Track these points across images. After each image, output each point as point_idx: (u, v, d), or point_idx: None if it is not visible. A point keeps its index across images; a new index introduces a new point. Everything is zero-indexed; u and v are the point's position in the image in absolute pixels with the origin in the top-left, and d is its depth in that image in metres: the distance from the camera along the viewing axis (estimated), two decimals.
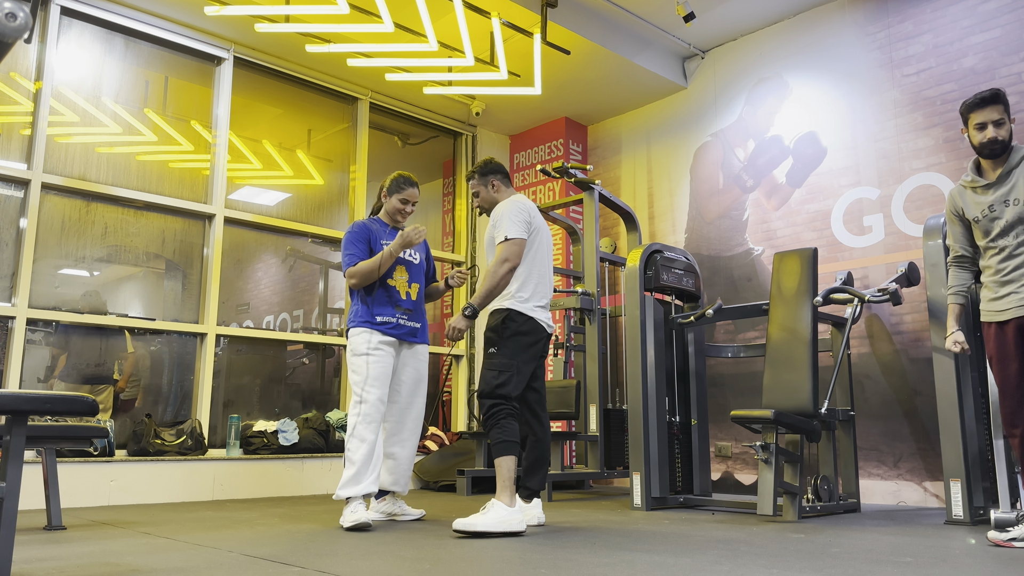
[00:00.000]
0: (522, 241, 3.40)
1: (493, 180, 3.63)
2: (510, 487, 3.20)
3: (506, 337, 3.38)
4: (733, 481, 5.41)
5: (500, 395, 3.30)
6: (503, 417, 3.27)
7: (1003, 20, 4.54)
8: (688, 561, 2.48)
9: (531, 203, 3.58)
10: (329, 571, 2.28)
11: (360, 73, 5.90)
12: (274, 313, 5.71)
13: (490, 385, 3.33)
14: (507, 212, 3.43)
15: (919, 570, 2.33)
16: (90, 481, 4.34)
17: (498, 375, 3.32)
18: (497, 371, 3.33)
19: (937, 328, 3.80)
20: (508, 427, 3.27)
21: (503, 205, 3.49)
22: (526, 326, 3.40)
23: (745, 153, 5.73)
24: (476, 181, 3.65)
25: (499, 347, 3.38)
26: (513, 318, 3.40)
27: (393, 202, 3.76)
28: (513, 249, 3.38)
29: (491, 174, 3.64)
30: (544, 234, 3.58)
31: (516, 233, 3.39)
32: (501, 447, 3.24)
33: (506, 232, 3.39)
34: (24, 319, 4.48)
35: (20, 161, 4.64)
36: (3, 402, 1.99)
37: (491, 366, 3.37)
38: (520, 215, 3.43)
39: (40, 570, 2.31)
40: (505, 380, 3.31)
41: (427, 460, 5.68)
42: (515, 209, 3.45)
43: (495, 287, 3.36)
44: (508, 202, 3.50)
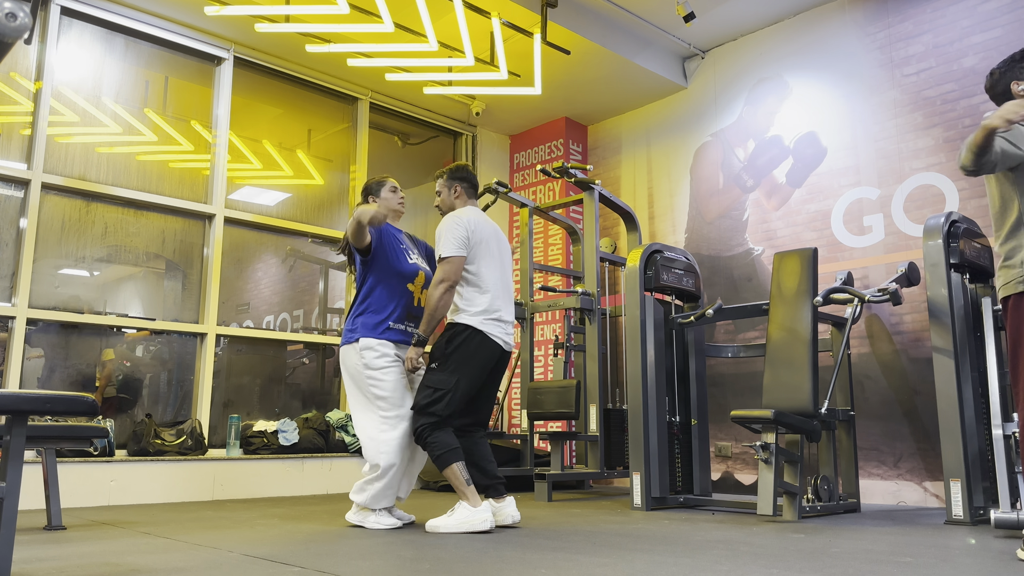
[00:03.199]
0: (458, 259, 3.34)
1: (458, 186, 3.59)
2: (468, 488, 3.23)
3: (448, 352, 3.33)
4: (733, 481, 5.41)
5: (430, 413, 3.27)
6: (430, 434, 3.27)
7: (1003, 20, 4.54)
8: (688, 561, 2.48)
9: (476, 216, 3.47)
10: (329, 571, 2.28)
11: (360, 73, 5.90)
12: (274, 313, 5.71)
13: (420, 404, 3.31)
14: (444, 229, 3.39)
15: (919, 570, 2.33)
16: (90, 481, 4.34)
17: (432, 393, 3.29)
18: (432, 389, 3.30)
19: (937, 328, 3.80)
20: (440, 440, 3.26)
21: (443, 222, 3.43)
22: (472, 340, 3.34)
23: (745, 153, 5.73)
24: (442, 182, 3.62)
25: (440, 362, 3.34)
26: (459, 332, 3.35)
27: (386, 196, 3.71)
28: (448, 268, 3.33)
29: (458, 180, 3.60)
30: (494, 244, 3.49)
31: (451, 251, 3.34)
32: (441, 460, 3.25)
33: (441, 251, 3.35)
34: (24, 319, 4.48)
35: (20, 161, 4.64)
36: (3, 402, 1.99)
37: (428, 382, 3.34)
38: (456, 231, 3.36)
39: (40, 570, 2.31)
40: (437, 399, 3.28)
41: (427, 461, 5.67)
42: (451, 225, 3.38)
43: (435, 310, 3.32)
44: (448, 218, 3.44)
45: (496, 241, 3.53)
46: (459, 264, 3.35)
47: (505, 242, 3.63)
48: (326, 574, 2.24)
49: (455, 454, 3.26)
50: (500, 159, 7.16)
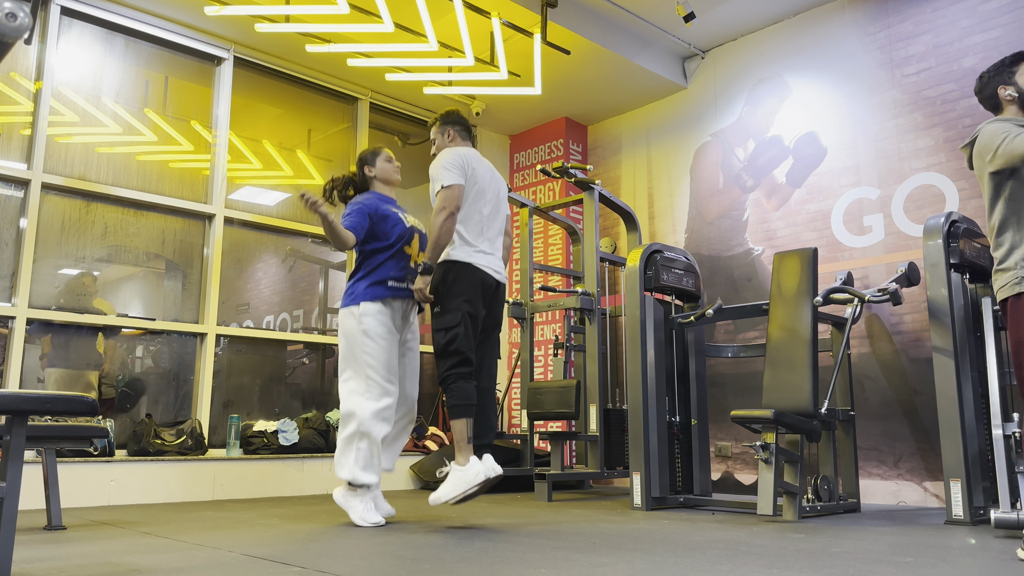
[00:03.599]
0: (457, 186, 3.37)
1: (450, 130, 3.63)
2: (465, 447, 3.29)
3: (446, 291, 3.39)
4: (733, 481, 5.41)
5: (452, 352, 3.32)
6: (454, 381, 3.32)
7: (1003, 20, 4.54)
8: (688, 561, 2.48)
9: (471, 151, 3.54)
10: (329, 571, 2.28)
11: (360, 73, 5.90)
12: (274, 313, 5.71)
13: (440, 345, 3.36)
14: (440, 162, 3.43)
15: (919, 570, 2.33)
16: (90, 481, 4.34)
17: (445, 334, 3.35)
18: (444, 330, 3.36)
19: (937, 328, 3.80)
20: (461, 390, 3.31)
21: (439, 156, 3.47)
22: (465, 275, 3.39)
23: (745, 153, 5.73)
24: (436, 129, 3.66)
25: (442, 304, 3.40)
26: (450, 269, 3.40)
27: (382, 165, 3.77)
28: (448, 195, 3.36)
29: (451, 124, 3.63)
30: (487, 182, 3.53)
31: (450, 180, 3.37)
32: (455, 411, 3.30)
33: (441, 180, 3.38)
34: (24, 319, 4.48)
35: (20, 161, 4.64)
36: (3, 402, 1.99)
37: (438, 324, 3.38)
38: (452, 160, 3.41)
39: (40, 570, 2.31)
40: (453, 337, 3.33)
41: (427, 460, 5.68)
42: (447, 156, 3.43)
43: (439, 237, 3.35)
44: (442, 152, 3.49)
45: (491, 179, 3.57)
46: (459, 191, 3.38)
47: (500, 179, 3.66)
48: (326, 574, 2.24)
49: (469, 409, 3.31)
50: (500, 159, 7.16)
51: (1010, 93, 2.83)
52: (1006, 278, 2.70)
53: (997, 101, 2.88)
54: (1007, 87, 2.84)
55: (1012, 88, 2.83)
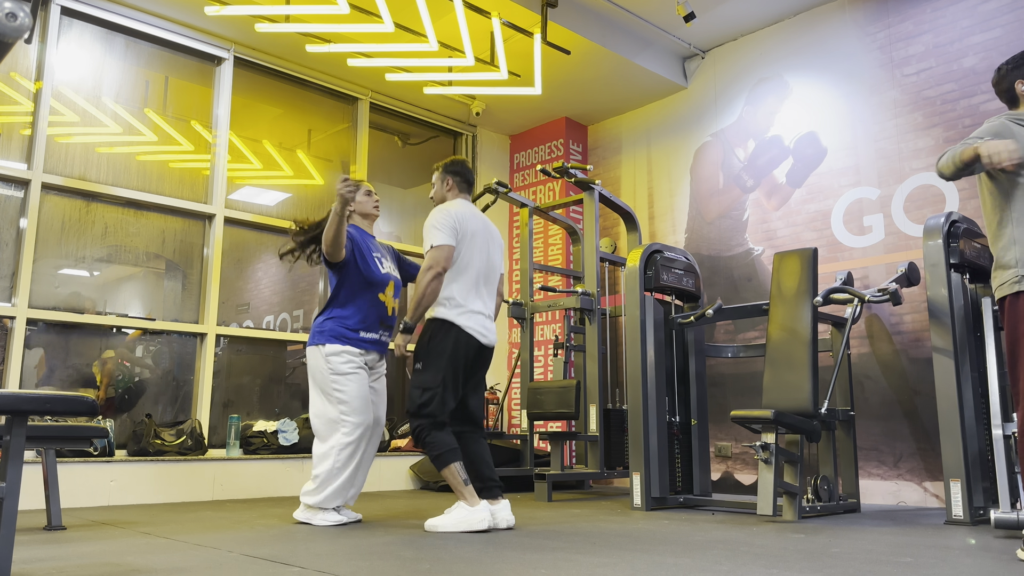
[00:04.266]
0: (447, 247, 3.35)
1: (450, 179, 3.60)
2: (466, 488, 3.25)
3: (431, 351, 3.35)
4: (733, 481, 5.41)
5: (425, 415, 3.29)
6: (428, 434, 3.28)
7: (1003, 20, 4.54)
8: (688, 561, 2.48)
9: (464, 207, 3.49)
10: (329, 571, 2.28)
11: (360, 73, 5.90)
12: (274, 313, 5.71)
13: (415, 405, 3.32)
14: (433, 220, 3.40)
15: (919, 570, 2.33)
16: (90, 481, 4.34)
17: (422, 394, 3.30)
18: (421, 389, 3.31)
19: (937, 328, 3.80)
20: (438, 440, 3.27)
21: (432, 213, 3.45)
22: (451, 336, 3.35)
23: (745, 153, 5.73)
24: (437, 175, 3.65)
25: (423, 361, 3.35)
26: (439, 329, 3.36)
27: (361, 200, 3.78)
28: (437, 255, 3.33)
29: (451, 174, 3.61)
30: (481, 239, 3.49)
31: (440, 240, 3.35)
32: (440, 460, 3.26)
33: (431, 240, 3.36)
34: (24, 319, 4.48)
35: (20, 161, 4.64)
36: (3, 402, 1.99)
37: (416, 383, 3.35)
38: (446, 220, 3.38)
39: (40, 570, 2.31)
40: (429, 399, 3.29)
41: (426, 461, 5.68)
42: (441, 216, 3.40)
43: (423, 296, 3.32)
44: (436, 209, 3.46)
45: (484, 235, 3.53)
46: (448, 252, 3.36)
47: (496, 235, 3.62)
48: (326, 574, 2.24)
49: (453, 454, 3.27)
50: (500, 159, 7.16)
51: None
52: (1005, 276, 2.69)
53: (1014, 95, 2.85)
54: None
55: None
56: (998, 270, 2.74)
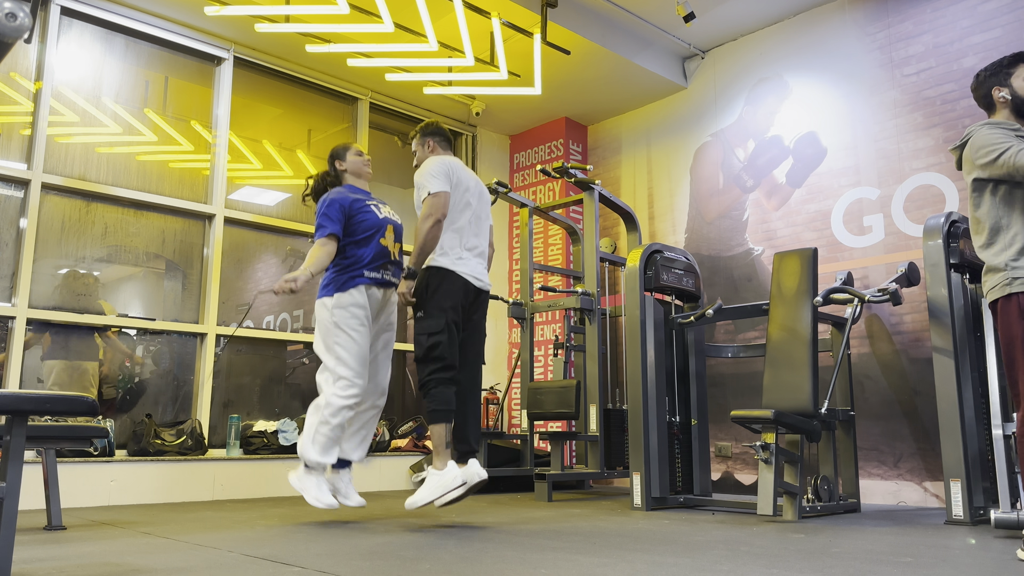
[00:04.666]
0: (444, 194, 3.42)
1: (430, 140, 3.68)
2: (443, 452, 3.34)
3: (428, 296, 3.42)
4: (733, 481, 5.41)
5: (434, 357, 3.36)
6: (435, 387, 3.36)
7: (1003, 20, 4.54)
8: (688, 561, 2.48)
9: (455, 161, 3.58)
10: (329, 571, 2.28)
11: (360, 73, 5.90)
12: (274, 313, 5.71)
13: (423, 348, 3.40)
14: (427, 169, 3.47)
15: (919, 570, 2.33)
16: (90, 481, 4.34)
17: (428, 338, 3.39)
18: (427, 334, 3.39)
19: (937, 328, 3.80)
20: (440, 395, 3.35)
21: (423, 165, 3.51)
22: (448, 281, 3.44)
23: (745, 153, 5.73)
24: (416, 141, 3.71)
25: (424, 308, 3.43)
26: (434, 275, 3.45)
27: (352, 159, 3.82)
28: (435, 202, 3.40)
29: (430, 136, 3.69)
30: (472, 193, 3.58)
31: (436, 187, 3.41)
32: (433, 415, 3.35)
33: (428, 187, 3.42)
34: (24, 319, 4.48)
35: (20, 161, 4.64)
36: (3, 402, 1.99)
37: (420, 329, 3.42)
38: (439, 168, 3.46)
39: (40, 570, 2.31)
40: (435, 343, 3.37)
41: (426, 460, 5.68)
42: (435, 164, 3.48)
43: (424, 244, 3.39)
44: (427, 160, 3.54)
45: (476, 189, 3.62)
46: (445, 199, 3.43)
47: (484, 189, 3.71)
48: (326, 574, 2.24)
49: (447, 415, 3.37)
50: (500, 159, 7.16)
51: (1004, 95, 2.80)
52: (996, 279, 2.69)
53: (991, 101, 2.85)
54: (1001, 88, 2.81)
55: (1007, 90, 2.80)
56: (989, 273, 2.74)
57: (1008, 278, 2.64)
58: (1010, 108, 2.81)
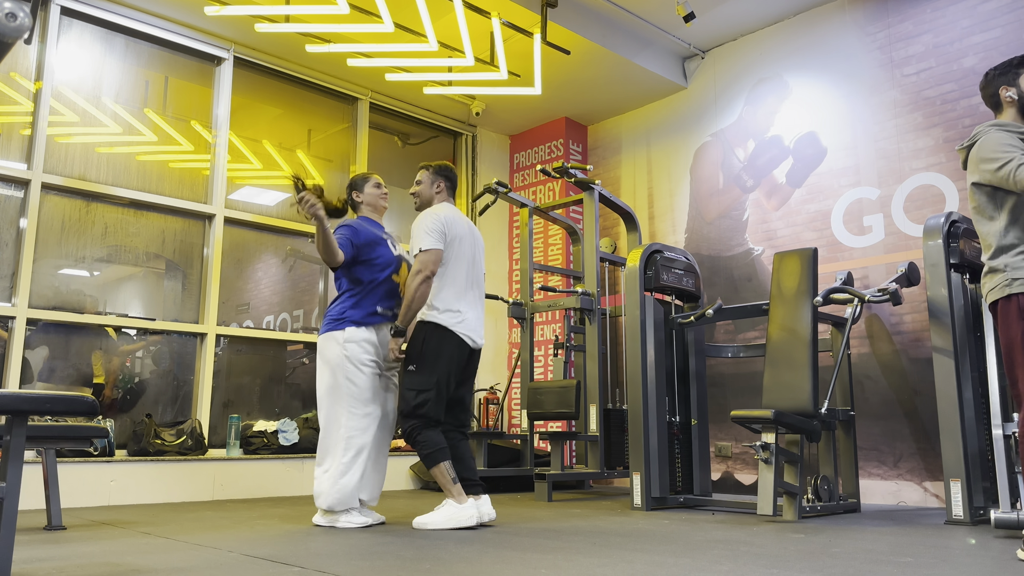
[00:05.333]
0: (436, 251, 3.41)
1: (441, 183, 3.68)
2: (455, 486, 3.33)
3: (424, 353, 3.39)
4: (733, 481, 5.41)
5: (420, 415, 3.34)
6: (419, 433, 3.34)
7: (1003, 20, 4.54)
8: (688, 561, 2.48)
9: (452, 212, 3.56)
10: (329, 571, 2.28)
11: (360, 73, 5.90)
12: (274, 313, 5.71)
13: (409, 406, 3.37)
14: (421, 224, 3.46)
15: (919, 570, 2.33)
16: (90, 481, 4.34)
17: (416, 395, 3.36)
18: (415, 391, 3.36)
19: (937, 328, 3.80)
20: (428, 439, 3.34)
21: (420, 217, 3.51)
22: (444, 340, 3.40)
23: (745, 153, 5.73)
24: (427, 174, 3.69)
25: (416, 364, 3.39)
26: (431, 334, 3.41)
27: (369, 191, 3.80)
28: (426, 259, 3.39)
29: (443, 178, 3.69)
30: (467, 243, 3.55)
31: (429, 244, 3.41)
32: (429, 459, 3.33)
33: (420, 244, 3.42)
34: (24, 319, 4.48)
35: (20, 161, 4.64)
36: (3, 402, 1.99)
37: (410, 385, 3.39)
38: (434, 225, 3.44)
39: (40, 570, 2.31)
40: (423, 401, 3.34)
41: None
42: (429, 220, 3.46)
43: (412, 300, 3.38)
44: (424, 213, 3.53)
45: (470, 239, 3.60)
46: (437, 256, 3.42)
47: (479, 240, 3.70)
48: (326, 574, 2.24)
49: (443, 453, 3.34)
50: (500, 159, 7.16)
51: (1011, 95, 2.80)
52: (995, 280, 2.70)
53: (998, 100, 2.85)
54: (1009, 88, 2.81)
55: (1014, 91, 2.80)
56: (989, 275, 2.74)
57: (1008, 279, 2.65)
58: (1016, 108, 2.81)
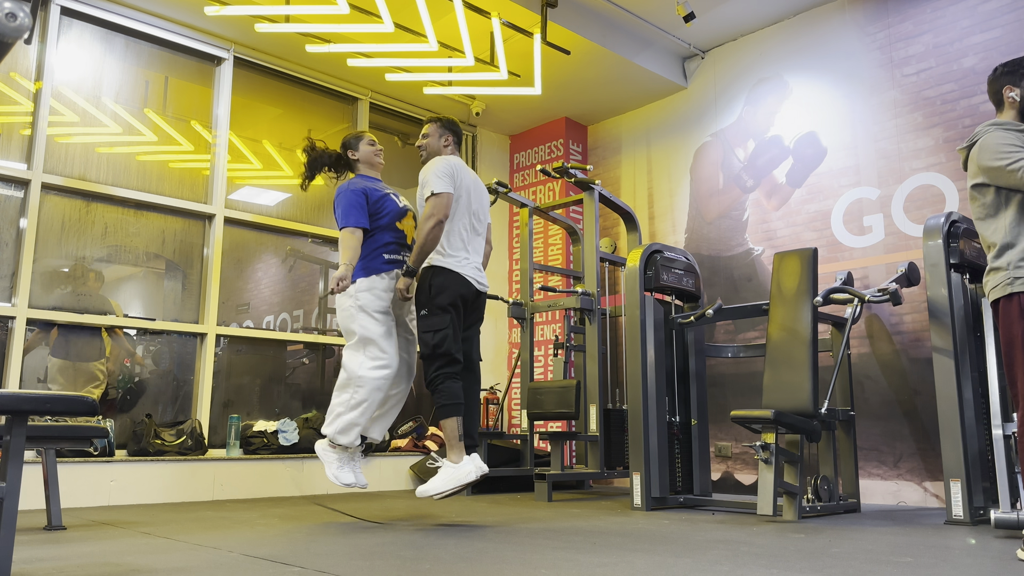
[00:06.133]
0: (447, 195, 3.49)
1: (449, 136, 3.78)
2: (457, 444, 3.41)
3: (433, 295, 3.48)
4: (733, 481, 5.41)
5: (441, 353, 3.43)
6: (443, 382, 3.43)
7: (1003, 20, 4.54)
8: (688, 561, 2.48)
9: (460, 162, 3.66)
10: (329, 571, 2.28)
11: (360, 73, 5.90)
12: (274, 313, 5.71)
13: (429, 346, 3.46)
14: (432, 170, 3.54)
15: (919, 570, 2.33)
16: (90, 481, 4.34)
17: (434, 335, 3.45)
18: (432, 331, 3.46)
19: (937, 328, 3.80)
20: (449, 390, 3.43)
21: (430, 163, 3.58)
22: (449, 281, 3.50)
23: (745, 153, 5.73)
24: (434, 127, 3.78)
25: (428, 307, 3.49)
26: (436, 275, 3.51)
27: (364, 149, 3.86)
28: (437, 203, 3.47)
29: (450, 132, 3.79)
30: (474, 193, 3.66)
31: (441, 188, 3.48)
32: (444, 410, 3.42)
33: (432, 187, 3.49)
34: (24, 319, 4.48)
35: (20, 161, 4.64)
36: (3, 402, 1.99)
37: (425, 327, 3.49)
38: (444, 170, 3.53)
39: (40, 570, 2.31)
40: (441, 340, 3.43)
41: (427, 459, 5.68)
42: (440, 164, 3.55)
43: (425, 243, 3.46)
44: (434, 160, 3.61)
45: (476, 190, 3.70)
46: (448, 200, 3.50)
47: (484, 189, 3.79)
48: (326, 574, 2.24)
49: (457, 409, 3.43)
50: (500, 159, 7.16)
51: (1013, 96, 2.79)
52: (998, 279, 2.70)
53: (1000, 98, 2.84)
54: (1013, 88, 2.80)
55: (1017, 92, 2.79)
56: (991, 273, 2.75)
57: (1010, 278, 2.65)
58: (1017, 110, 2.80)
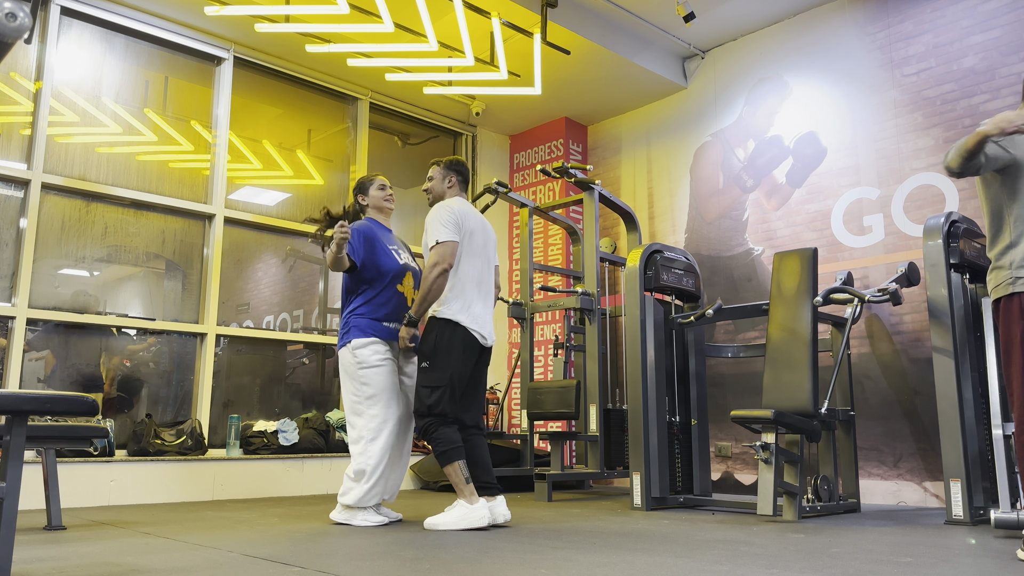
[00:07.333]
0: (452, 243, 3.40)
1: (453, 177, 3.66)
2: (467, 487, 3.30)
3: (437, 349, 3.39)
4: (733, 481, 5.41)
5: (436, 414, 3.34)
6: (435, 430, 3.34)
7: (1003, 20, 4.54)
8: (688, 561, 2.48)
9: (465, 206, 3.55)
10: (329, 571, 2.28)
11: (360, 73, 5.90)
12: (274, 313, 5.71)
13: (424, 404, 3.37)
14: (436, 216, 3.45)
15: (919, 570, 2.33)
16: (90, 481, 4.34)
17: (431, 393, 3.35)
18: (430, 388, 3.36)
19: (937, 328, 3.80)
20: (444, 437, 3.33)
21: (435, 209, 3.49)
22: (456, 335, 3.40)
23: (745, 153, 5.73)
24: (438, 169, 3.68)
25: (429, 360, 3.40)
26: (443, 328, 3.40)
27: (374, 194, 3.80)
28: (443, 251, 3.38)
29: (455, 172, 3.67)
30: (479, 238, 3.55)
31: (446, 236, 3.39)
32: (444, 457, 3.32)
33: (436, 236, 3.40)
34: (24, 319, 4.48)
35: (20, 161, 4.64)
36: (3, 402, 1.99)
37: (424, 381, 3.39)
38: (448, 217, 3.43)
39: (40, 570, 2.31)
40: (438, 398, 3.34)
41: (427, 460, 5.68)
42: (443, 212, 3.45)
43: (430, 293, 3.37)
44: (439, 206, 3.51)
45: (482, 233, 3.59)
46: (453, 248, 3.41)
47: (491, 234, 3.68)
48: (326, 574, 2.24)
49: (458, 452, 3.32)
50: (500, 159, 7.16)
51: None
52: (1000, 277, 2.70)
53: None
54: None
55: None
56: (994, 271, 2.75)
57: (1012, 277, 2.66)
58: None
